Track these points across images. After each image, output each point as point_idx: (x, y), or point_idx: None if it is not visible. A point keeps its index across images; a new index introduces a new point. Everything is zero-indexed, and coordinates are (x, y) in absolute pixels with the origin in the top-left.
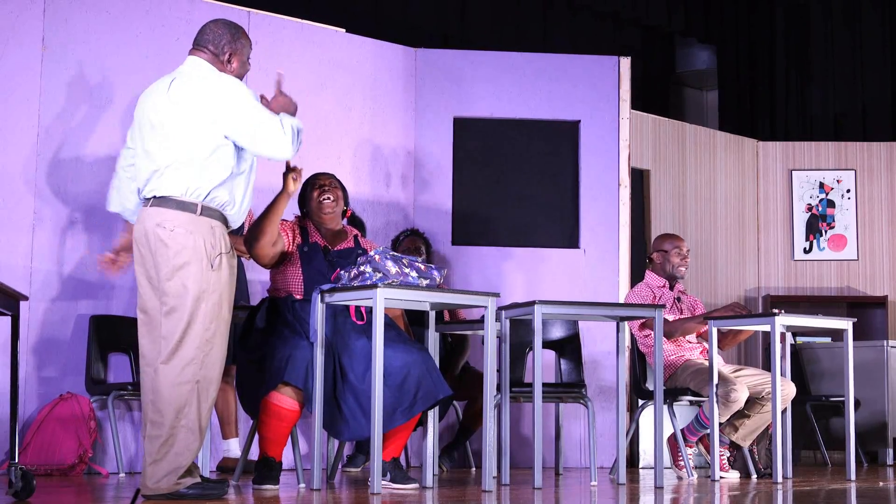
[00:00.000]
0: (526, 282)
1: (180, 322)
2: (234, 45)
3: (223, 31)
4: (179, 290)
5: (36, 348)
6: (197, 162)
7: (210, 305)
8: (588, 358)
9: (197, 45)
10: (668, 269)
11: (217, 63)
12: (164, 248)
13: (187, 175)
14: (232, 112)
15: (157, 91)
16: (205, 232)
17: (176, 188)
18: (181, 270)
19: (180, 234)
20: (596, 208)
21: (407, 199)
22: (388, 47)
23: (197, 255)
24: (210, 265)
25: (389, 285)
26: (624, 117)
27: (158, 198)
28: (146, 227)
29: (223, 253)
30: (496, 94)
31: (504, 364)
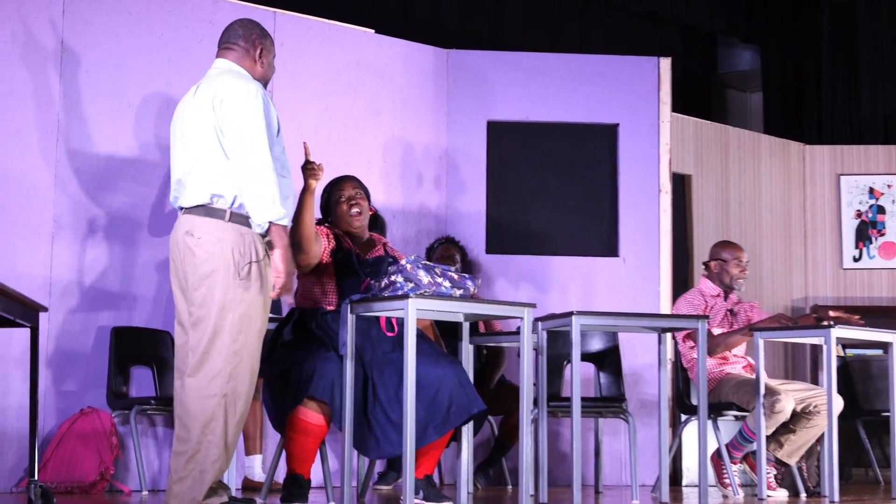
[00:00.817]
0: (563, 292)
1: (206, 333)
2: (264, 42)
3: (252, 26)
4: (205, 299)
5: (55, 361)
6: (220, 167)
7: (238, 316)
8: (628, 371)
9: (225, 45)
10: (725, 280)
11: (247, 60)
12: (191, 257)
13: (211, 181)
14: (230, 139)
15: (185, 99)
16: (233, 239)
17: (202, 195)
18: (208, 279)
19: (207, 242)
20: (636, 215)
21: (439, 206)
22: (418, 48)
23: (224, 264)
24: (237, 274)
25: (421, 296)
26: (664, 120)
27: (189, 206)
28: (177, 235)
29: (253, 261)
30: (531, 97)
31: (541, 377)
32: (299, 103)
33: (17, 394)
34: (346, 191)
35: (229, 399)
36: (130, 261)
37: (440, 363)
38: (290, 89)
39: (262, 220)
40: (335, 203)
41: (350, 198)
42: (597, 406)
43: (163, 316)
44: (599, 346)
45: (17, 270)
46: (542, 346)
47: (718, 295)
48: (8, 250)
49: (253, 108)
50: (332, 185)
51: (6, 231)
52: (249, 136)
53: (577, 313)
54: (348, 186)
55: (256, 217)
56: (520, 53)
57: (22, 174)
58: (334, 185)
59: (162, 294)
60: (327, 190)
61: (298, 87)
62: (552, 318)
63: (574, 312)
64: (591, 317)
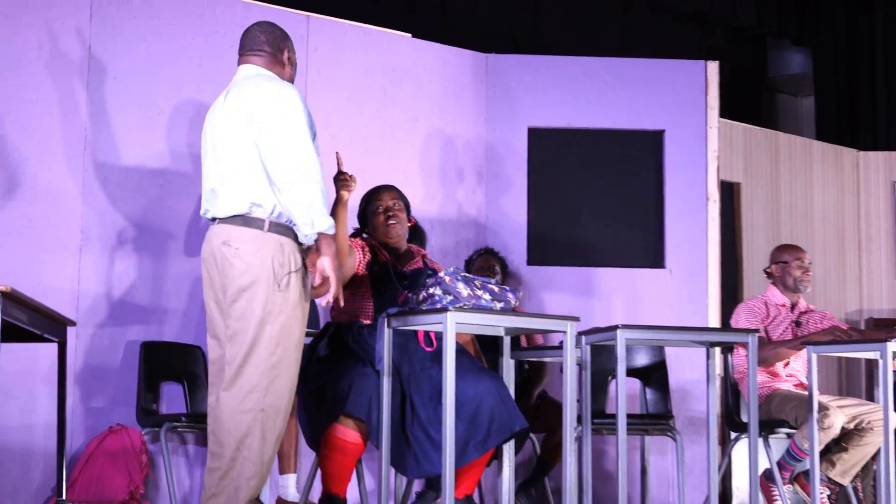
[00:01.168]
0: (607, 305)
1: (243, 346)
2: (287, 42)
3: (273, 28)
4: (244, 312)
5: (83, 377)
6: (256, 175)
7: (276, 329)
8: (675, 387)
9: (249, 51)
10: (788, 283)
11: (275, 65)
12: (229, 268)
13: (249, 190)
14: (274, 142)
15: (216, 106)
16: (273, 249)
17: (239, 205)
18: (247, 291)
19: (246, 253)
20: (682, 225)
21: (479, 216)
22: (456, 53)
23: (264, 275)
24: (277, 285)
25: (461, 309)
26: (712, 126)
27: (225, 216)
28: (213, 245)
29: (292, 272)
30: (573, 103)
31: (585, 393)
32: (333, 110)
33: (44, 411)
34: (384, 201)
35: (266, 415)
36: (160, 273)
37: (480, 379)
38: (323, 95)
39: (312, 232)
40: (372, 214)
41: (387, 209)
42: (643, 423)
43: (194, 330)
44: (645, 360)
45: (44, 284)
46: (585, 360)
47: (784, 305)
48: (35, 263)
49: (293, 109)
50: (369, 194)
51: (33, 243)
52: (292, 142)
53: (622, 327)
54: (386, 196)
55: (305, 228)
56: (561, 57)
57: (48, 185)
58: (372, 194)
59: (193, 307)
60: (365, 199)
61: (332, 93)
62: (596, 332)
63: (619, 326)
64: (636, 330)
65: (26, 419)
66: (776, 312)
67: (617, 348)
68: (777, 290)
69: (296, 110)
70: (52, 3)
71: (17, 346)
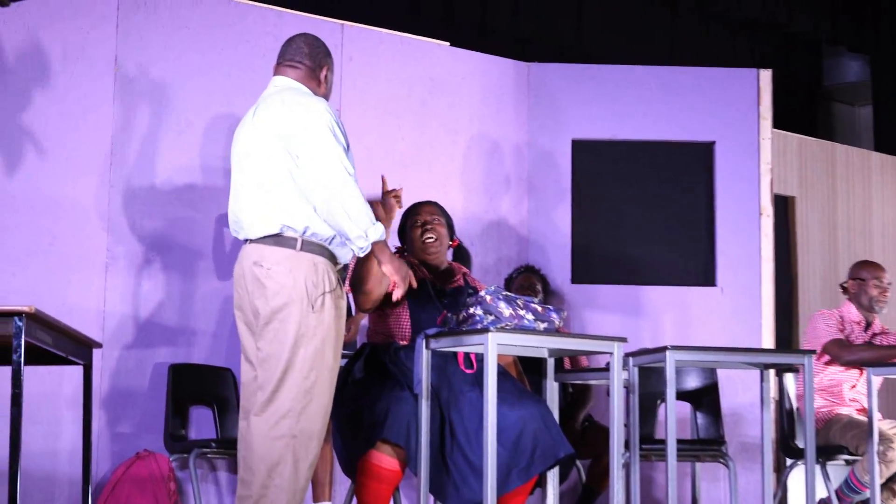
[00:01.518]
0: (656, 325)
1: (276, 369)
2: (329, 61)
3: (318, 43)
4: (277, 334)
5: (109, 401)
6: (287, 194)
7: (310, 351)
8: (728, 411)
9: (287, 62)
10: (863, 301)
11: (311, 80)
12: (261, 289)
13: (280, 209)
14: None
15: (245, 122)
16: (306, 269)
17: (270, 225)
18: (280, 313)
19: (278, 273)
20: (734, 241)
21: (521, 233)
22: (497, 62)
23: (297, 296)
24: (311, 306)
25: (503, 329)
26: (765, 137)
27: (256, 238)
28: (244, 266)
29: (326, 292)
30: (619, 114)
31: (633, 418)
32: (369, 122)
33: (68, 436)
34: (422, 216)
35: (299, 441)
36: (189, 293)
37: (523, 402)
38: (358, 107)
39: (367, 244)
40: (410, 228)
41: (425, 223)
42: (693, 449)
43: (224, 352)
44: (696, 383)
45: (68, 304)
46: (633, 383)
47: (859, 323)
48: (59, 282)
49: (326, 126)
50: (409, 210)
51: (57, 262)
52: (328, 157)
53: (671, 348)
54: (424, 211)
55: (359, 241)
56: (606, 66)
57: (74, 201)
58: (411, 209)
59: (223, 328)
60: (405, 215)
61: (368, 104)
62: (644, 354)
63: (668, 347)
64: (686, 352)
65: (50, 445)
66: (850, 329)
67: (666, 370)
68: (852, 306)
69: (325, 123)
70: (77, 13)
71: (41, 369)
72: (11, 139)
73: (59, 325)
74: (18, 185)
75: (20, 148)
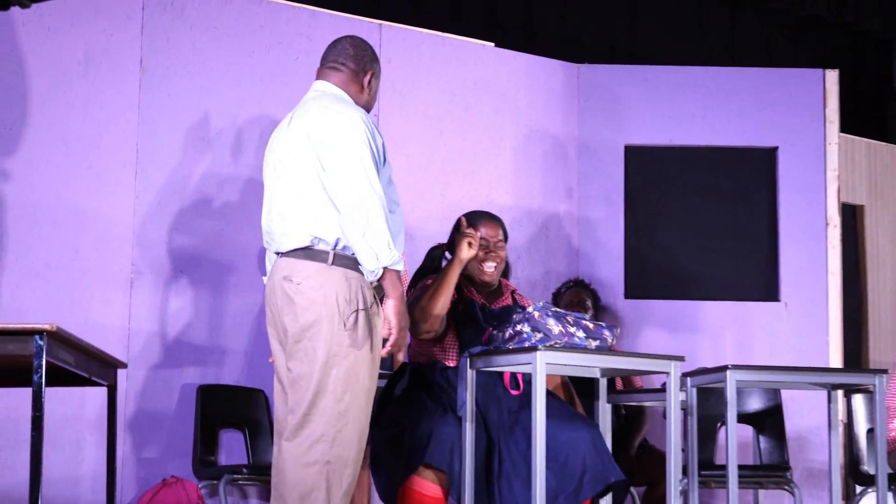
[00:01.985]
0: (715, 343)
1: (307, 392)
2: (375, 67)
3: (366, 47)
4: (307, 353)
5: (135, 424)
6: (319, 205)
7: (343, 372)
8: (793, 434)
9: (330, 64)
10: None
11: (353, 84)
12: (290, 306)
13: (311, 222)
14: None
15: (279, 129)
16: (338, 285)
17: (301, 238)
18: (309, 331)
19: (309, 289)
20: (799, 252)
21: (570, 245)
22: (544, 63)
23: (328, 313)
24: (343, 324)
25: (551, 347)
26: (832, 142)
27: (287, 251)
28: (274, 281)
29: (360, 309)
30: (675, 118)
31: (691, 442)
32: (409, 128)
33: (91, 462)
34: (487, 236)
35: (333, 467)
36: (219, 310)
37: (573, 425)
38: (398, 112)
39: (377, 267)
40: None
41: (488, 245)
42: (756, 475)
43: (256, 372)
44: (758, 405)
45: (91, 321)
46: (691, 405)
47: None
48: (82, 299)
49: (356, 136)
50: (471, 217)
51: (80, 277)
52: (353, 169)
53: (732, 367)
54: (489, 229)
55: (369, 263)
56: (662, 67)
57: (97, 213)
58: (473, 219)
59: (255, 347)
60: (457, 225)
61: (408, 109)
62: (703, 373)
63: (729, 366)
64: (748, 371)
65: (72, 471)
66: None
67: (727, 391)
68: None
69: (358, 133)
70: (100, 14)
71: (62, 391)
72: (31, 148)
73: (81, 343)
74: (39, 196)
75: (40, 157)
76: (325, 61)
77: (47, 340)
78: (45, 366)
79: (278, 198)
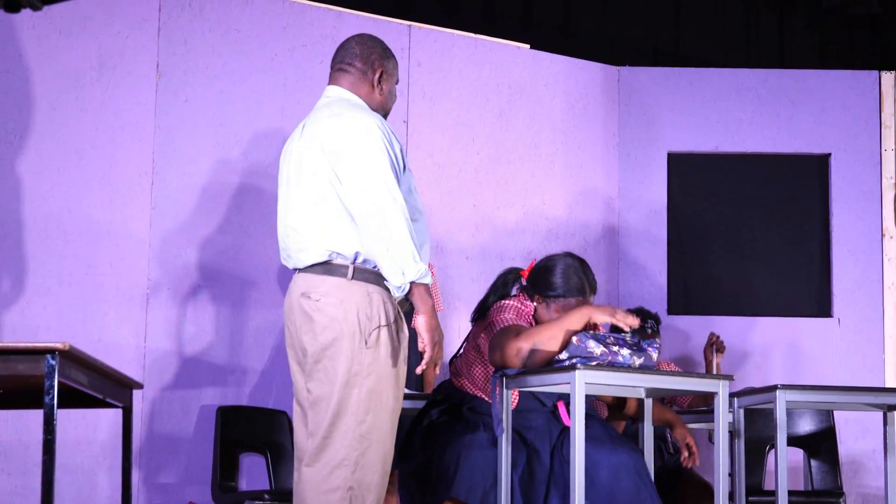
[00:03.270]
0: (764, 361)
1: (327, 413)
2: (385, 63)
3: (373, 44)
4: (327, 373)
5: (151, 448)
6: (336, 217)
7: (365, 392)
8: (846, 458)
9: (338, 66)
10: None
11: (363, 86)
12: (308, 323)
13: (328, 235)
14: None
15: (292, 138)
16: (358, 300)
17: (318, 253)
18: (329, 349)
19: (328, 305)
20: (853, 265)
21: (610, 258)
22: (583, 66)
23: (348, 330)
24: (364, 341)
25: (591, 366)
26: (888, 148)
27: (305, 266)
28: (293, 298)
29: (382, 325)
30: (722, 123)
31: (738, 466)
32: (439, 134)
33: (105, 487)
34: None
35: (356, 494)
36: (239, 327)
37: (615, 450)
38: (428, 117)
39: (403, 283)
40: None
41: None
42: (808, 501)
43: (278, 393)
44: (810, 427)
45: (105, 340)
46: (739, 427)
47: None
48: (96, 316)
49: (372, 144)
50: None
51: (94, 293)
52: (371, 179)
53: (782, 387)
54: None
55: (395, 279)
56: (707, 70)
57: (111, 225)
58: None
59: (276, 366)
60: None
61: (438, 114)
62: (751, 394)
63: (778, 386)
64: (799, 391)
65: (85, 497)
66: None
67: (776, 412)
68: None
69: (374, 141)
70: (114, 16)
71: (74, 413)
72: (41, 157)
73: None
74: (50, 207)
75: (51, 166)
76: (334, 64)
77: (59, 360)
78: (56, 386)
79: (292, 211)
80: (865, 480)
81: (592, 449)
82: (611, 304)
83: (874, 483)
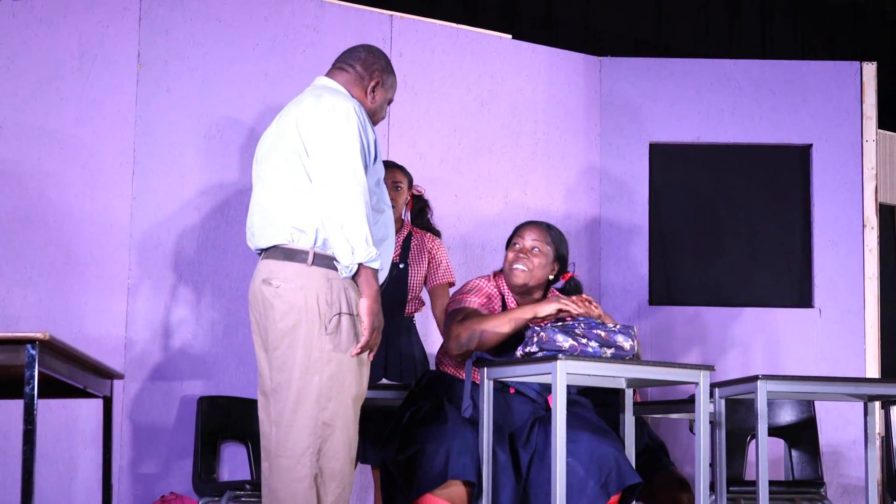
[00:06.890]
0: (745, 351)
1: (287, 402)
2: (384, 77)
3: (378, 56)
4: (286, 360)
5: (132, 438)
6: (299, 194)
7: (326, 378)
8: (827, 448)
9: (339, 64)
10: None
11: (357, 87)
12: (270, 310)
13: (290, 212)
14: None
15: (272, 124)
16: (318, 286)
17: (280, 233)
18: (288, 336)
19: (287, 291)
20: (834, 256)
21: (592, 248)
22: (564, 56)
23: (308, 316)
24: (324, 327)
25: (573, 356)
26: (869, 139)
27: (266, 247)
28: (255, 285)
29: (343, 312)
30: (703, 113)
31: (719, 457)
32: (421, 124)
33: (86, 478)
34: (524, 239)
35: (321, 481)
36: (220, 318)
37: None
38: (409, 107)
39: (351, 262)
40: (507, 248)
41: (522, 249)
42: (788, 492)
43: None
44: (790, 417)
45: (86, 331)
46: (720, 417)
47: None
48: (76, 306)
49: (346, 125)
50: (517, 227)
51: (74, 283)
52: (337, 154)
53: (762, 378)
54: (528, 235)
55: (344, 258)
56: (689, 60)
57: (91, 215)
58: (517, 229)
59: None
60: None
61: (420, 104)
62: (732, 384)
63: (759, 377)
64: (780, 382)
65: (65, 486)
66: None
67: (757, 403)
68: None
69: (349, 122)
70: (95, 4)
71: (55, 403)
72: (21, 147)
73: (76, 353)
74: (30, 197)
75: (32, 156)
76: (335, 63)
77: (39, 350)
78: (37, 377)
79: (264, 189)
80: (846, 470)
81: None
82: (591, 295)
83: (854, 473)
